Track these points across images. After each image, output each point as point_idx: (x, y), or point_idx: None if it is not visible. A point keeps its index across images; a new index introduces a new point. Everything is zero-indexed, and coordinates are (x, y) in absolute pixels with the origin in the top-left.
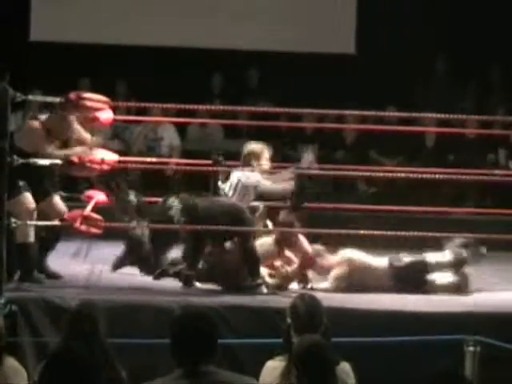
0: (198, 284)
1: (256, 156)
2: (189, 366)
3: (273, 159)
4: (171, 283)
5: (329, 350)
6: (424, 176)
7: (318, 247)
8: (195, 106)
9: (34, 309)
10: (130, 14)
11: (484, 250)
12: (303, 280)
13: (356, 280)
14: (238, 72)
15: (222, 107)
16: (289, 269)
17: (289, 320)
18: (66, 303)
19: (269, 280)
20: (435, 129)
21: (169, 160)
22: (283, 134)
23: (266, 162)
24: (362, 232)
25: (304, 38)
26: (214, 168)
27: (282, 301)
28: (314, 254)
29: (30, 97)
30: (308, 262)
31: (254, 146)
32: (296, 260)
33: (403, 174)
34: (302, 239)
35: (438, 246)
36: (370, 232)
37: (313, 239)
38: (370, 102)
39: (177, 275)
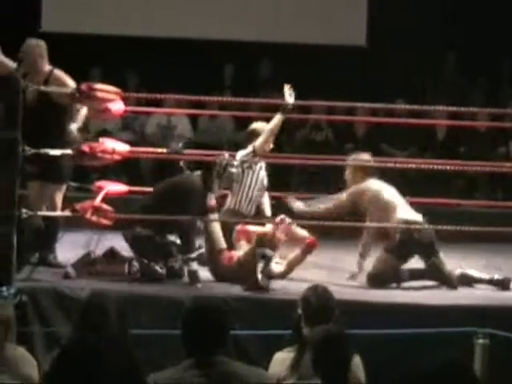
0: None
1: (257, 135)
2: (199, 356)
3: None
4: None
5: (346, 341)
6: (435, 168)
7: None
8: (206, 98)
9: (44, 299)
10: (142, 5)
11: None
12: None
13: None
14: (250, 64)
15: (232, 99)
16: (291, 256)
17: (299, 311)
18: (77, 293)
19: (275, 269)
20: (446, 121)
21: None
22: (294, 126)
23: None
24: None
25: (316, 31)
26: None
27: (292, 292)
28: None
29: (42, 87)
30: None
31: (256, 124)
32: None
33: (414, 166)
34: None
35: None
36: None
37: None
38: (381, 94)
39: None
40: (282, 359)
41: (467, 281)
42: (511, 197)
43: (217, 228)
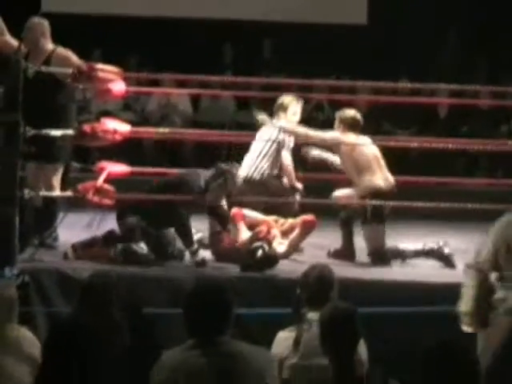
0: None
1: (284, 108)
2: (202, 337)
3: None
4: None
5: (356, 319)
6: (437, 146)
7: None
8: (206, 77)
9: (46, 279)
10: None
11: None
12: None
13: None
14: (251, 44)
15: (234, 78)
16: (292, 236)
17: (299, 290)
18: (78, 274)
19: (278, 249)
20: (448, 100)
21: (181, 131)
22: None
23: (293, 116)
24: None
25: (316, 9)
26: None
27: (295, 271)
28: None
29: (43, 68)
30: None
31: (283, 97)
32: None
33: (416, 144)
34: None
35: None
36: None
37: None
38: (383, 72)
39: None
40: (284, 338)
41: (398, 255)
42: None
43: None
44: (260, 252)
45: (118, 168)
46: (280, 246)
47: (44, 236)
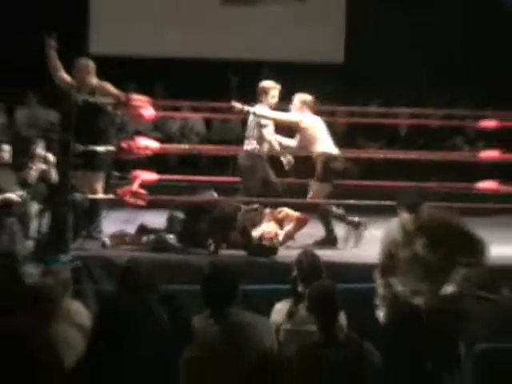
0: None
1: (265, 92)
2: (215, 308)
3: None
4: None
5: (337, 293)
6: (398, 156)
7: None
8: (218, 104)
9: (92, 264)
10: (162, 30)
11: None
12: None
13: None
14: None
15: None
16: (288, 228)
17: (295, 271)
18: (118, 259)
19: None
20: (407, 121)
21: (198, 146)
22: None
23: (272, 99)
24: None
25: (297, 49)
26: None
27: (289, 256)
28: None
29: (90, 98)
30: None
31: (264, 83)
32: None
33: (382, 155)
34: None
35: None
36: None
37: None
38: (357, 99)
39: None
40: (280, 308)
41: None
42: (459, 179)
43: None
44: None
45: (149, 176)
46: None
47: (90, 230)
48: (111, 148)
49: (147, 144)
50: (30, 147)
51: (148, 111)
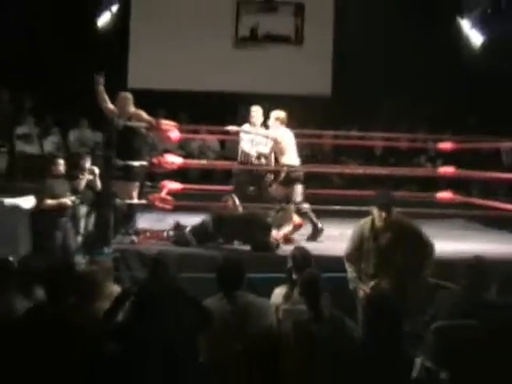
0: None
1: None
2: (226, 291)
3: None
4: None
5: (320, 280)
6: (374, 172)
7: None
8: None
9: (129, 255)
10: (185, 68)
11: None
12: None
13: None
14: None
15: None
16: (286, 229)
17: (290, 263)
18: (150, 252)
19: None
20: (381, 143)
21: (214, 162)
22: None
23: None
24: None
25: (292, 83)
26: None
27: (286, 250)
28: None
29: (128, 123)
30: (297, 226)
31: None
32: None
33: (361, 171)
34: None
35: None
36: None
37: None
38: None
39: None
40: (279, 292)
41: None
42: (423, 190)
43: None
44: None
45: (174, 185)
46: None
47: (127, 228)
48: (144, 163)
49: (173, 160)
50: (80, 162)
51: (174, 133)
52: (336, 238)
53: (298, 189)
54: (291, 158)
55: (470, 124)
